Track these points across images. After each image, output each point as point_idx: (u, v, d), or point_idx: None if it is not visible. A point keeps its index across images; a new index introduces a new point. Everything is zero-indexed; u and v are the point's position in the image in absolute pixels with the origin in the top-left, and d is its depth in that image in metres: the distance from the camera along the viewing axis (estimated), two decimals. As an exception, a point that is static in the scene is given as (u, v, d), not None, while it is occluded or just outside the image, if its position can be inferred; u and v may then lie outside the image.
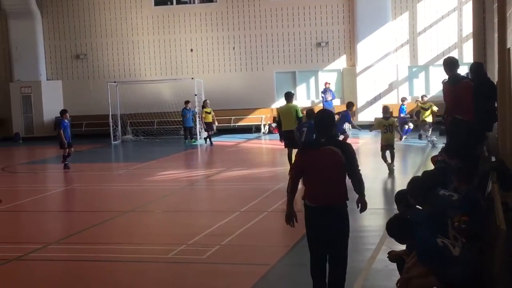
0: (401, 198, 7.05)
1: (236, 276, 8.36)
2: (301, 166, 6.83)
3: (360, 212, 6.96)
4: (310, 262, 6.89)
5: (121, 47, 31.63)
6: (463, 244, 6.31)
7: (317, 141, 6.78)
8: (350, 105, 19.47)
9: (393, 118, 17.40)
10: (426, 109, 22.58)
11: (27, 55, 31.40)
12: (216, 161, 21.73)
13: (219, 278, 8.33)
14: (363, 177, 6.90)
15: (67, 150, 19.44)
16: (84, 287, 8.26)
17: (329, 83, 28.26)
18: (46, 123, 31.25)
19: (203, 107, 25.95)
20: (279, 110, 17.15)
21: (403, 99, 25.57)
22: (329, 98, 27.59)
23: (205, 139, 25.95)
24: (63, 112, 20.00)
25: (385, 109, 16.84)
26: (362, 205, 6.87)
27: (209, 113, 25.60)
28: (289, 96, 16.74)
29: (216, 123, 26.34)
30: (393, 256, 6.79)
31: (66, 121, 19.58)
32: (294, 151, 16.34)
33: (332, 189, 6.68)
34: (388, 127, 16.10)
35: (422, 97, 23.96)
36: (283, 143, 16.66)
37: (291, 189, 6.92)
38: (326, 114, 7.01)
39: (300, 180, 6.94)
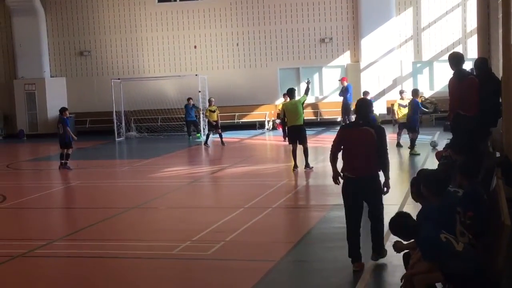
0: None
1: (241, 272, 8.37)
2: (341, 141, 8.07)
3: (384, 194, 8.10)
4: (346, 226, 8.13)
5: (125, 44, 31.64)
6: (469, 240, 6.31)
7: (356, 122, 8.10)
8: (415, 92, 18.92)
9: (376, 113, 18.02)
10: (404, 106, 19.22)
11: (31, 52, 31.41)
12: (220, 158, 21.72)
13: (223, 274, 8.34)
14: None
15: (69, 149, 19.07)
16: (88, 284, 8.28)
17: (346, 79, 27.93)
18: (50, 120, 31.28)
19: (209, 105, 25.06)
20: (284, 106, 17.14)
21: (365, 93, 21.46)
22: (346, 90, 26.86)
23: (207, 137, 24.57)
24: (63, 109, 19.45)
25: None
26: (387, 188, 8.05)
27: (214, 111, 24.55)
28: (292, 92, 16.79)
29: (219, 121, 25.42)
30: (399, 247, 6.78)
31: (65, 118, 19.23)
32: (299, 147, 16.45)
33: (365, 162, 7.85)
34: None
35: (400, 92, 20.36)
36: (287, 140, 16.66)
37: (333, 160, 8.22)
38: (365, 101, 8.37)
39: (339, 153, 8.13)
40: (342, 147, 8.05)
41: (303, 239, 9.78)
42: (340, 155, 8.15)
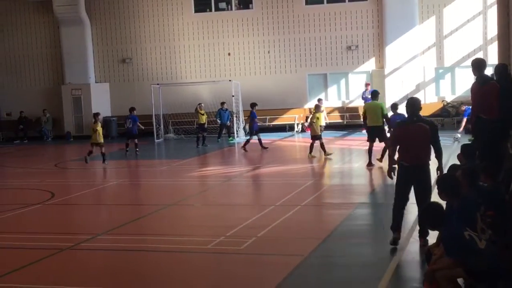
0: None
1: (271, 266, 8.37)
2: (399, 136, 8.76)
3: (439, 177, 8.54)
4: (394, 202, 8.83)
5: (164, 51, 31.90)
6: (489, 237, 6.22)
7: (411, 119, 8.66)
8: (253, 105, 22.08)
9: None
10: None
11: (77, 60, 31.88)
12: (252, 158, 21.73)
13: (255, 267, 8.36)
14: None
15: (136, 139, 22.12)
16: (130, 275, 8.36)
17: (368, 84, 28.02)
18: (94, 123, 31.70)
19: (197, 109, 25.20)
20: (366, 106, 17.13)
21: (253, 105, 22.78)
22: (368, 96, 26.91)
23: (198, 141, 24.90)
24: (133, 109, 22.75)
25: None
26: (441, 172, 8.60)
27: (203, 114, 24.99)
28: (375, 95, 16.89)
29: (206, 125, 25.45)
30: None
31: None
32: (378, 145, 16.32)
33: (419, 153, 8.50)
34: None
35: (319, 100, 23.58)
36: (367, 138, 16.73)
37: (392, 153, 8.97)
38: (415, 100, 8.78)
39: (397, 146, 8.80)
40: (400, 140, 8.67)
41: (331, 235, 9.74)
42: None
